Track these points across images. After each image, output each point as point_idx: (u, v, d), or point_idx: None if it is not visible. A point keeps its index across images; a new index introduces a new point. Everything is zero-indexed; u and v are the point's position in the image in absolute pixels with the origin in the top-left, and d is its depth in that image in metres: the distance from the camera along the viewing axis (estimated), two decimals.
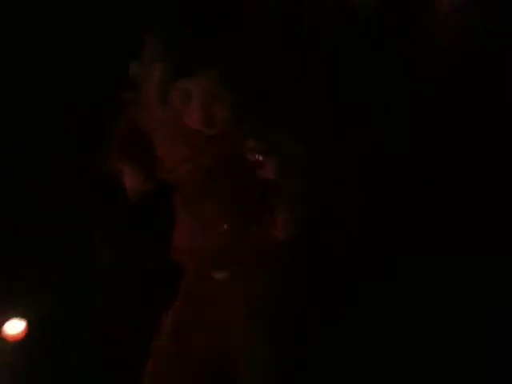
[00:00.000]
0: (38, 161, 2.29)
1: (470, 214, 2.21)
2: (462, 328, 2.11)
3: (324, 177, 2.01)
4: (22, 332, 1.95)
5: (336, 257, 2.12)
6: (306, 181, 1.67)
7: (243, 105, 1.56)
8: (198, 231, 1.64)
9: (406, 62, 2.18)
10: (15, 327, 1.96)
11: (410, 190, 2.22)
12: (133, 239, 2.15)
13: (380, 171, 2.19)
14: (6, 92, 2.24)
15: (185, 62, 1.55)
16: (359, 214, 2.17)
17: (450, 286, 2.20)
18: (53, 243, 2.20)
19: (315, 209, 2.00)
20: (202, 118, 1.53)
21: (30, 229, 2.21)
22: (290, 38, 1.94)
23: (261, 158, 1.56)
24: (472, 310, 2.12)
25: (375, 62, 2.13)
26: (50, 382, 1.97)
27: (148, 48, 1.64)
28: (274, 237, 1.59)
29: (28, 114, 2.27)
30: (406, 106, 2.19)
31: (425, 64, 2.21)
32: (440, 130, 2.24)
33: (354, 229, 2.15)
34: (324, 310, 2.09)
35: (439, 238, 2.22)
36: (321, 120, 2.01)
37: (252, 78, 1.61)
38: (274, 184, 1.59)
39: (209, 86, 1.52)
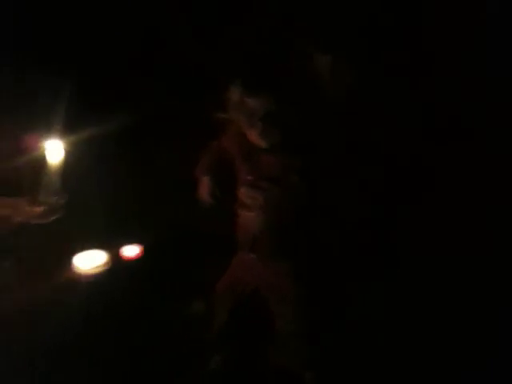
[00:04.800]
0: None
1: (470, 214, 2.21)
2: (462, 327, 2.12)
3: (324, 177, 2.02)
4: (137, 255, 2.26)
5: (336, 257, 2.12)
6: None
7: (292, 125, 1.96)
8: None
9: (405, 62, 2.19)
10: (132, 251, 2.26)
11: (410, 190, 2.22)
12: None
13: (380, 171, 2.19)
14: None
15: (254, 86, 1.96)
16: (359, 214, 2.17)
17: (450, 285, 2.20)
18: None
19: (316, 209, 2.01)
20: (260, 131, 1.94)
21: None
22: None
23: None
24: (472, 309, 2.12)
25: (375, 62, 2.14)
26: (162, 296, 2.33)
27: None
28: None
29: None
30: (406, 106, 2.19)
31: (424, 64, 2.21)
32: (441, 130, 2.24)
33: (353, 229, 2.15)
34: (324, 310, 2.10)
35: (439, 237, 2.22)
36: (322, 122, 2.02)
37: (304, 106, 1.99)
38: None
39: (269, 106, 1.93)
